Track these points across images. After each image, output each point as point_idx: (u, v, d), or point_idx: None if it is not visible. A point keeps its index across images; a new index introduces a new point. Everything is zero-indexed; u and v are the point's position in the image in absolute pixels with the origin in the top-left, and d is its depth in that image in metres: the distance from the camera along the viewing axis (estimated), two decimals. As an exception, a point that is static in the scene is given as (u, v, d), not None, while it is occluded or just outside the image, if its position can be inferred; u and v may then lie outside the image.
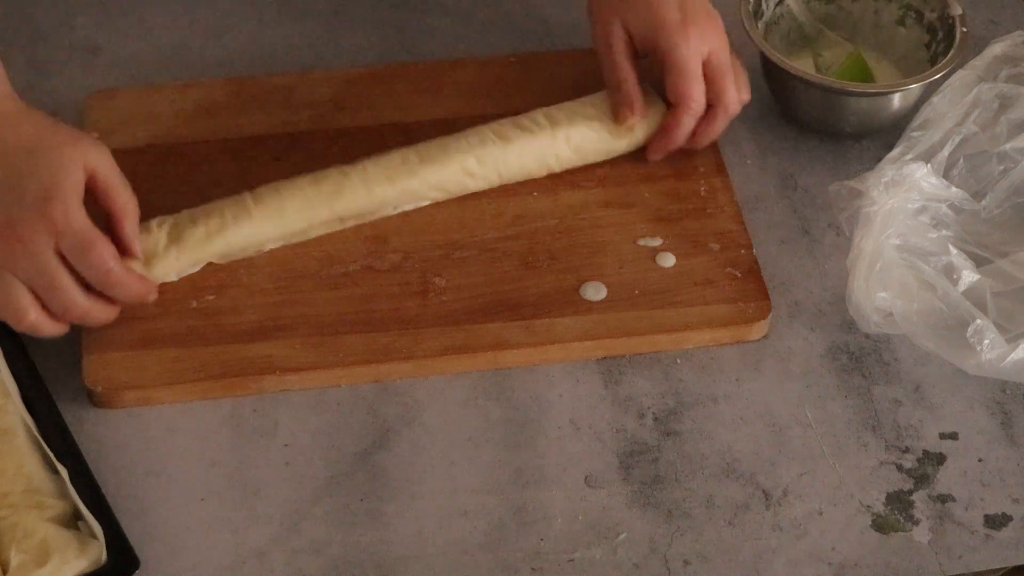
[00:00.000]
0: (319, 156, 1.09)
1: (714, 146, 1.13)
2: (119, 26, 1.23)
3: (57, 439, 0.95)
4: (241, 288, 1.03)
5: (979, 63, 1.09)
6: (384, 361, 1.01)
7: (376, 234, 1.06)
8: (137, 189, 0.99)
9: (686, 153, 1.12)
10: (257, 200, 1.03)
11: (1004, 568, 0.95)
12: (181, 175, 1.09)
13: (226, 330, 1.01)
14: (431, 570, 0.93)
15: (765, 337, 1.05)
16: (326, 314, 1.02)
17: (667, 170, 1.12)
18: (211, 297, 1.03)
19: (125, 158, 1.02)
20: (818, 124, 1.16)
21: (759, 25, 1.15)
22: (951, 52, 1.12)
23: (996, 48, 1.10)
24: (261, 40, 1.22)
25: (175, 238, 1.01)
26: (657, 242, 1.07)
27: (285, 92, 1.15)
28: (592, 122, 1.09)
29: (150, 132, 1.12)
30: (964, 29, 1.12)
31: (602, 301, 1.04)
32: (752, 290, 1.05)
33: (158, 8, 1.24)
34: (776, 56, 1.12)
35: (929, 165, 1.04)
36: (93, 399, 0.99)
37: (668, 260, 1.06)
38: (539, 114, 1.09)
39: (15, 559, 0.89)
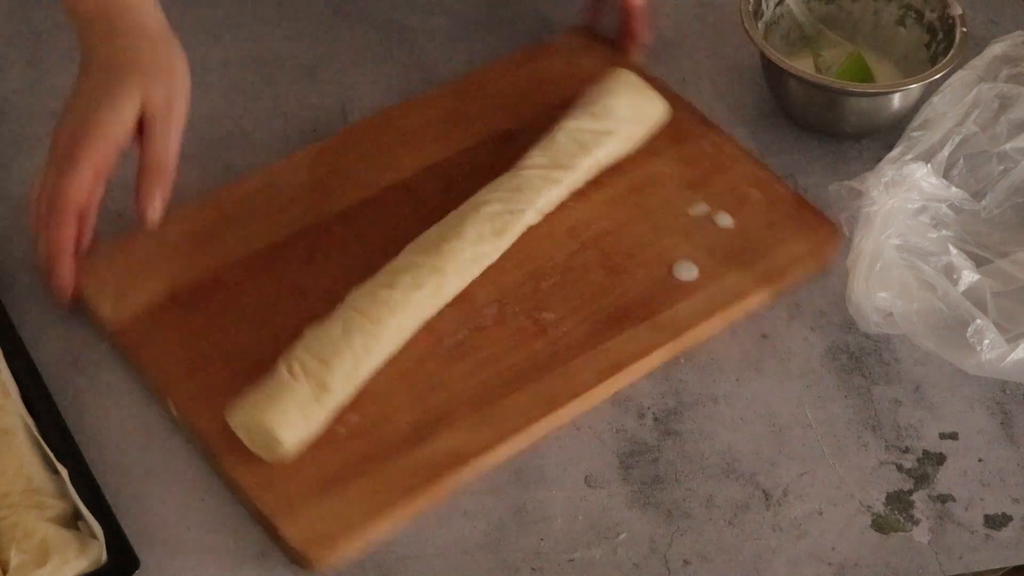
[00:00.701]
0: (346, 241, 1.06)
1: (688, 106, 1.15)
2: (119, 26, 1.23)
3: (57, 439, 0.95)
4: (375, 397, 0.97)
5: (979, 63, 1.09)
6: (556, 407, 0.98)
7: (460, 297, 1.03)
8: (197, 340, 0.99)
9: (672, 123, 1.12)
10: (375, 321, 0.97)
11: (1004, 568, 0.95)
12: (226, 308, 1.02)
13: (391, 442, 0.95)
14: (431, 570, 0.93)
15: (765, 336, 1.05)
16: (472, 386, 0.98)
17: (663, 140, 1.12)
18: (355, 418, 0.96)
19: (158, 316, 1.00)
20: (818, 124, 1.16)
21: (759, 25, 1.15)
22: (951, 52, 1.12)
23: (996, 48, 1.10)
24: (261, 40, 1.22)
25: (321, 386, 0.94)
26: (704, 207, 1.08)
27: (264, 196, 1.09)
28: (614, 135, 1.09)
29: (162, 283, 1.03)
30: (964, 29, 1.12)
31: (699, 277, 1.05)
32: (810, 216, 1.08)
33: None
34: (776, 56, 1.12)
35: (929, 165, 1.04)
36: (306, 562, 0.91)
37: (726, 220, 1.08)
38: (570, 143, 1.07)
39: (15, 559, 0.89)
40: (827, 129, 1.16)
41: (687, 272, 1.05)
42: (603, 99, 1.10)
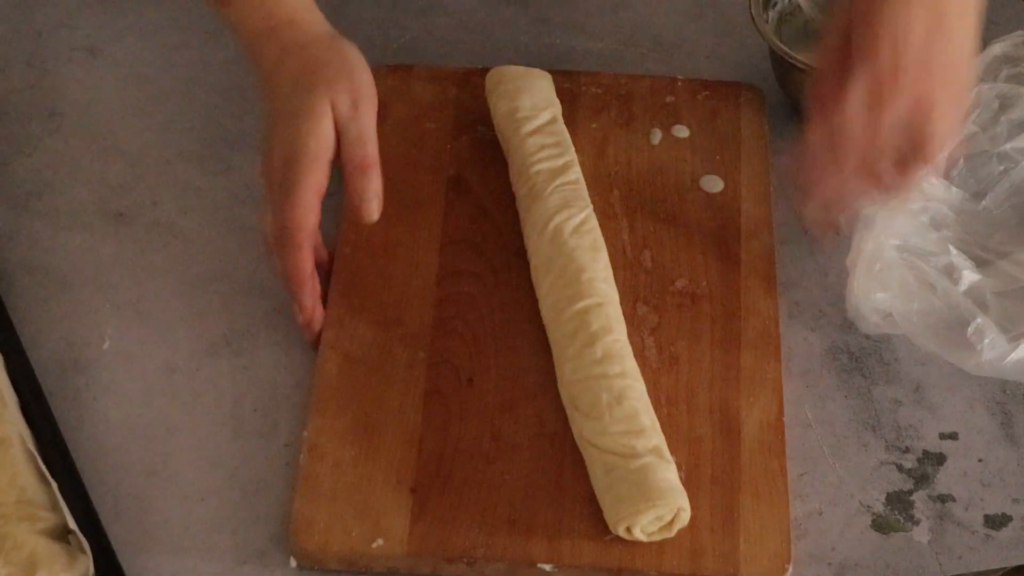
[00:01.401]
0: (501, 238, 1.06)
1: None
2: (119, 26, 1.23)
3: (53, 452, 0.95)
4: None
5: (979, 63, 1.09)
6: None
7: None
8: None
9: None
10: (631, 377, 0.96)
11: (1004, 568, 0.95)
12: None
13: None
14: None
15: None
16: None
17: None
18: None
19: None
20: None
21: (771, 15, 1.15)
22: None
23: (996, 48, 1.10)
24: (261, 40, 1.22)
25: (657, 453, 0.93)
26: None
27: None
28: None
29: None
30: None
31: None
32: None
33: (158, 8, 1.24)
34: (781, 48, 1.12)
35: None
36: None
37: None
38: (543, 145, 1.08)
39: (2, 570, 0.88)
40: None
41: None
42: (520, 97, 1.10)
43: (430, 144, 1.11)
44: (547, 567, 0.91)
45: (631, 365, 0.97)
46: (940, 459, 0.99)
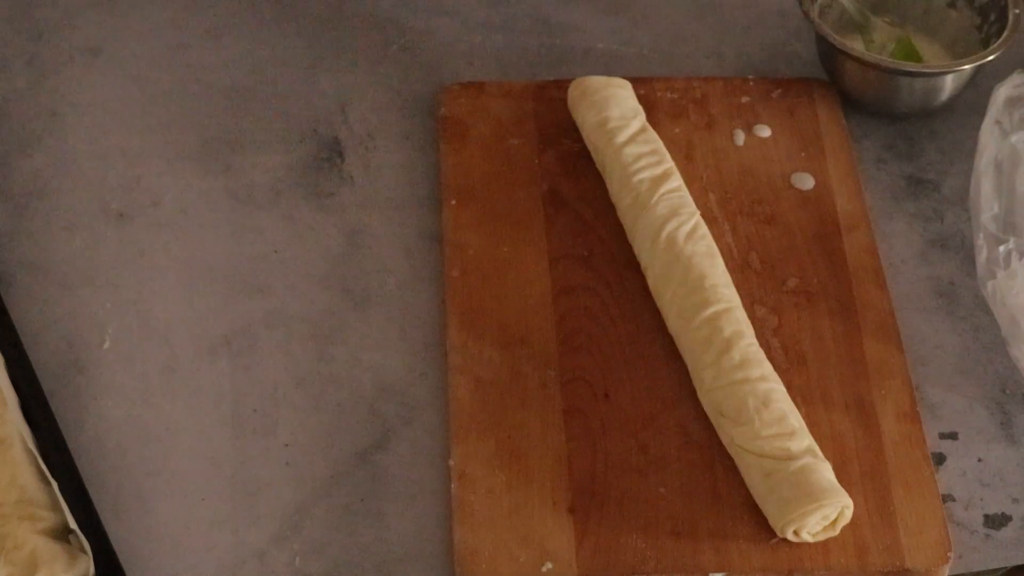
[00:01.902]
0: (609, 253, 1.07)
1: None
2: (119, 26, 1.22)
3: (53, 451, 0.95)
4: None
5: (988, 110, 1.09)
6: None
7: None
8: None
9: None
10: (759, 379, 0.96)
11: (1004, 568, 0.95)
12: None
13: None
14: (431, 570, 0.93)
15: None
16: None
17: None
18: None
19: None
20: (872, 105, 1.16)
21: (814, 8, 1.16)
22: (1004, 34, 1.12)
23: (1000, 92, 1.09)
24: (261, 40, 1.22)
25: (812, 452, 0.94)
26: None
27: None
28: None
29: None
30: (1017, 11, 1.13)
31: None
32: None
33: (158, 8, 1.24)
34: (830, 34, 1.13)
35: None
36: None
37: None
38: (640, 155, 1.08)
39: (2, 570, 0.89)
40: (880, 110, 1.16)
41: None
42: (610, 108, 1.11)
43: (518, 160, 1.12)
44: None
45: (769, 368, 0.97)
46: (940, 459, 0.99)
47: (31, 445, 0.94)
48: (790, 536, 0.91)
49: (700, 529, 0.93)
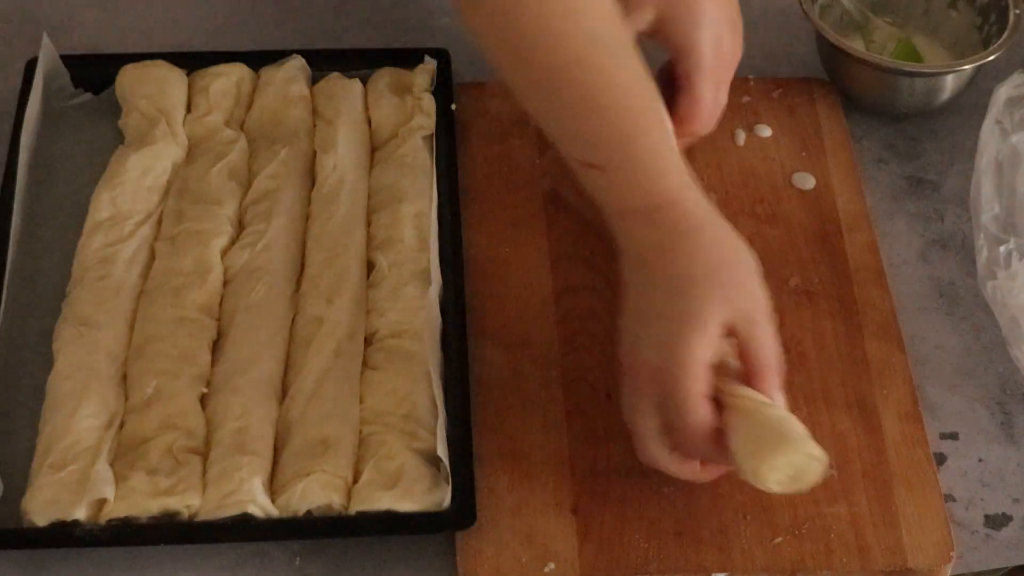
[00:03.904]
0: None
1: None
2: (119, 26, 1.23)
3: (455, 384, 0.96)
4: None
5: (989, 110, 1.08)
6: None
7: None
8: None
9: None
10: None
11: (1004, 568, 0.95)
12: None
13: None
14: (433, 570, 0.93)
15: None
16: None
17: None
18: None
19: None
20: (873, 106, 1.16)
21: (815, 8, 1.16)
22: (1004, 34, 1.12)
23: (1001, 92, 1.09)
24: (262, 40, 1.22)
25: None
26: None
27: None
28: None
29: None
30: (1017, 11, 1.13)
31: None
32: None
33: (158, 8, 1.24)
34: (830, 34, 1.13)
35: None
36: None
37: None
38: None
39: (367, 475, 0.91)
40: (881, 110, 1.16)
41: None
42: None
43: (519, 160, 1.12)
44: None
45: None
46: (940, 459, 0.99)
47: (436, 373, 0.96)
48: (752, 478, 0.87)
49: (702, 530, 0.93)
